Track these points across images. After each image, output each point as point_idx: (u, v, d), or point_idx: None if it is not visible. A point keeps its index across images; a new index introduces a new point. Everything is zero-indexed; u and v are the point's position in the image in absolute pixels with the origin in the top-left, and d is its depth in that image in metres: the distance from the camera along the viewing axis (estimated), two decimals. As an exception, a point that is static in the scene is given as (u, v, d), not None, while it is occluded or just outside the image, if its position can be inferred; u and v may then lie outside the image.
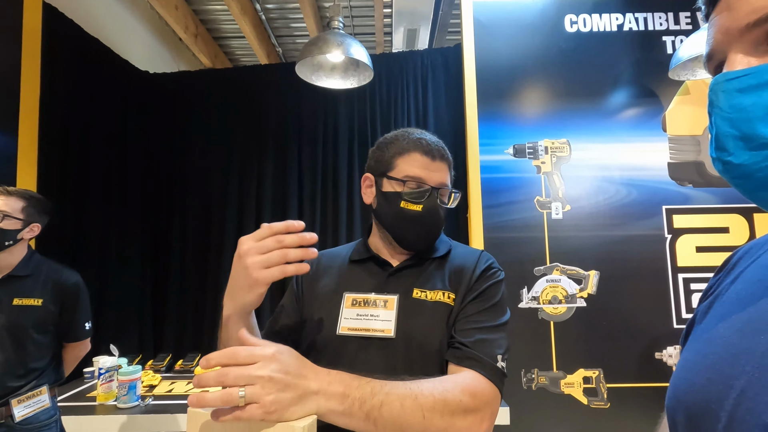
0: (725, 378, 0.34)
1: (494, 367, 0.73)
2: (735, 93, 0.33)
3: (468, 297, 0.81)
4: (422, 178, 0.85)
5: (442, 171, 0.87)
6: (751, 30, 0.33)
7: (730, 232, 2.07)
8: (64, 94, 2.28)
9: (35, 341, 1.55)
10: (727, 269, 0.44)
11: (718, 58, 0.37)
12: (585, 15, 2.23)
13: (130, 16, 3.08)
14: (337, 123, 2.88)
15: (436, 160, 0.86)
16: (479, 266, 0.85)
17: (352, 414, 0.57)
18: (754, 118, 0.32)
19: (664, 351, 2.03)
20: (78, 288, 1.67)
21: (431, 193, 0.85)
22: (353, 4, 3.33)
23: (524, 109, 2.21)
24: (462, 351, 0.75)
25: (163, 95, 2.94)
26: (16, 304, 1.53)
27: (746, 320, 0.35)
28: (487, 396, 0.69)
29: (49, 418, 1.58)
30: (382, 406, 0.58)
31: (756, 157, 0.32)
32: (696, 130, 2.16)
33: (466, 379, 0.70)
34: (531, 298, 2.09)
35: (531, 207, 2.14)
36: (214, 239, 2.84)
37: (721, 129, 0.35)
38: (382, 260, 0.89)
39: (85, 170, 2.43)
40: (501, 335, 0.78)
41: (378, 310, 0.82)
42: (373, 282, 0.86)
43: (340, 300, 0.84)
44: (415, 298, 0.82)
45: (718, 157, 0.35)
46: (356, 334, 0.80)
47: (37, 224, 1.58)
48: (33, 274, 1.58)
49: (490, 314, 0.80)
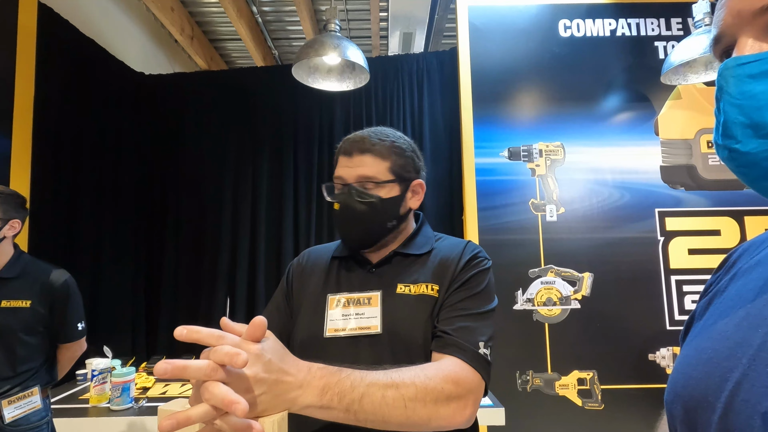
0: (722, 370, 0.34)
1: (476, 353, 0.72)
2: (746, 79, 0.32)
3: (452, 287, 0.81)
4: (339, 176, 0.87)
5: (363, 165, 0.85)
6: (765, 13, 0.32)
7: (722, 235, 2.09)
8: (59, 95, 2.27)
9: (25, 343, 1.52)
10: (726, 267, 0.45)
11: (726, 42, 0.36)
12: (578, 20, 2.26)
13: (125, 17, 3.07)
14: (333, 125, 2.88)
15: (353, 156, 0.86)
16: (464, 256, 0.85)
17: (331, 407, 0.56)
18: (765, 105, 0.31)
19: (657, 353, 2.05)
20: (67, 288, 1.63)
21: (344, 189, 0.86)
22: (349, 8, 3.34)
23: (519, 112, 2.23)
24: (443, 339, 0.75)
25: (159, 97, 2.93)
26: (4, 306, 1.49)
27: (744, 315, 0.36)
28: (469, 383, 0.69)
29: (41, 419, 1.55)
30: (362, 399, 0.58)
31: (764, 145, 0.32)
32: (688, 133, 2.19)
33: (447, 366, 0.69)
34: (525, 300, 2.10)
35: (526, 209, 2.16)
36: (209, 241, 2.83)
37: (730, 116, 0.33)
38: (362, 258, 0.89)
39: (79, 172, 2.42)
40: (485, 323, 0.77)
41: (362, 308, 0.82)
42: (356, 280, 0.86)
43: (324, 302, 0.84)
44: (399, 293, 0.82)
45: (724, 144, 0.34)
46: (343, 335, 0.80)
47: (16, 220, 1.53)
48: (21, 275, 1.55)
49: (473, 302, 0.79)
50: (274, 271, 2.79)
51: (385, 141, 0.87)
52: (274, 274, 2.78)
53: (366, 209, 0.84)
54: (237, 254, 2.79)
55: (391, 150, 0.87)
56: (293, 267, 0.95)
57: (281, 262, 2.78)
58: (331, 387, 0.56)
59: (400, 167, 0.87)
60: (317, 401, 0.55)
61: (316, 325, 0.82)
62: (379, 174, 0.85)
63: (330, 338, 0.80)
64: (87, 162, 2.46)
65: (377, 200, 0.84)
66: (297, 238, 2.82)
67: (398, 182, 0.87)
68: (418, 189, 0.91)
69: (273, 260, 2.80)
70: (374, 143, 0.86)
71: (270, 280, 2.78)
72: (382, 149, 0.86)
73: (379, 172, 0.85)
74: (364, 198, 0.84)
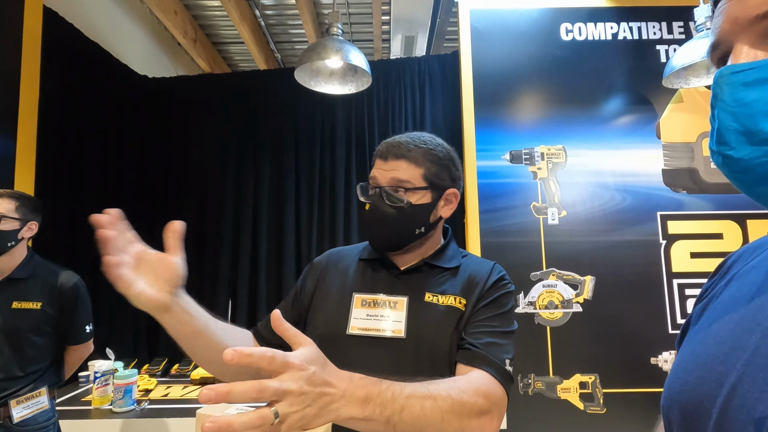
0: (717, 375, 0.34)
1: (503, 369, 0.75)
2: (740, 86, 0.33)
3: (480, 303, 0.83)
4: (373, 177, 0.88)
5: (397, 169, 0.85)
6: (760, 21, 0.32)
7: (724, 238, 2.09)
8: (63, 97, 2.28)
9: (34, 344, 1.54)
10: (722, 272, 0.45)
11: (723, 48, 0.36)
12: (580, 24, 2.27)
13: (129, 20, 3.09)
14: (335, 128, 2.89)
15: (388, 159, 0.87)
16: (492, 276, 0.87)
17: (372, 419, 0.55)
18: (758, 113, 0.32)
19: (659, 356, 2.04)
20: (77, 290, 1.65)
21: (376, 191, 0.87)
22: (352, 11, 3.35)
23: (520, 115, 2.23)
24: (472, 352, 0.76)
25: (161, 99, 2.95)
26: (15, 308, 1.52)
27: (738, 320, 0.36)
28: (497, 397, 0.71)
29: (48, 420, 1.57)
30: (402, 411, 0.58)
31: (757, 152, 0.32)
32: (690, 137, 2.18)
33: (478, 379, 0.71)
34: (527, 303, 2.10)
35: (527, 212, 2.16)
36: (210, 243, 2.83)
37: (724, 123, 0.34)
38: (390, 262, 0.90)
39: (82, 173, 2.43)
40: (509, 341, 0.80)
41: (387, 311, 0.83)
42: (382, 283, 0.87)
43: (349, 299, 0.85)
44: (428, 302, 0.84)
45: (718, 151, 0.35)
46: (366, 334, 0.81)
47: (34, 222, 1.58)
48: (32, 276, 1.58)
49: (500, 320, 0.82)
50: (275, 273, 2.79)
51: (422, 147, 0.87)
52: (276, 275, 2.79)
53: (394, 213, 0.85)
54: (238, 256, 2.80)
55: (426, 157, 0.87)
56: (313, 266, 0.95)
57: (283, 264, 2.78)
58: (372, 398, 0.55)
59: (434, 175, 0.87)
60: (360, 413, 0.54)
61: (340, 321, 0.83)
62: (412, 179, 0.86)
63: (352, 336, 0.81)
64: (90, 163, 2.47)
65: (407, 205, 0.85)
66: (298, 240, 2.83)
67: (431, 189, 0.87)
68: (452, 198, 0.91)
69: (274, 262, 2.81)
70: (410, 149, 0.86)
71: (271, 281, 2.78)
72: (417, 155, 0.86)
73: (412, 178, 0.86)
74: (394, 202, 0.85)
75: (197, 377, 2.19)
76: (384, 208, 0.85)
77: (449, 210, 0.91)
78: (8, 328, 1.50)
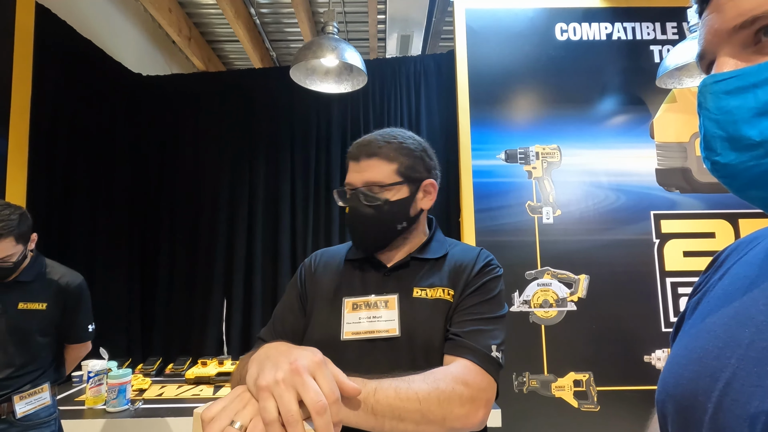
0: (711, 370, 0.35)
1: (487, 355, 0.73)
2: (722, 95, 0.34)
3: (466, 291, 0.82)
4: (349, 182, 0.88)
5: (370, 168, 0.86)
6: (738, 32, 0.33)
7: (716, 237, 2.11)
8: (56, 95, 2.26)
9: (38, 343, 1.58)
10: (716, 266, 0.45)
11: (708, 58, 0.37)
12: (575, 24, 2.28)
13: (123, 18, 3.07)
14: (330, 127, 2.88)
15: (360, 160, 0.87)
16: (478, 263, 0.86)
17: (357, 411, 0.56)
18: (740, 120, 0.33)
19: (652, 354, 2.06)
20: (81, 290, 1.69)
21: (353, 194, 0.87)
22: (347, 10, 3.35)
23: (515, 115, 2.24)
24: (455, 341, 0.76)
25: (156, 98, 2.93)
26: (21, 308, 1.54)
27: (732, 314, 0.36)
28: (479, 384, 0.70)
29: (49, 415, 1.60)
30: (376, 392, 0.58)
31: (741, 157, 0.33)
32: (683, 137, 2.20)
33: (457, 368, 0.71)
34: (522, 301, 2.11)
35: (522, 211, 2.17)
36: (204, 242, 2.82)
37: (709, 130, 0.35)
38: (376, 261, 0.90)
39: (76, 173, 2.41)
40: (497, 327, 0.79)
41: (380, 311, 0.82)
42: (370, 283, 0.87)
43: (340, 304, 0.84)
44: (416, 297, 0.83)
45: (706, 157, 0.36)
46: (361, 338, 0.81)
47: (33, 233, 1.59)
48: (38, 278, 1.60)
49: (486, 306, 0.80)
50: (270, 273, 2.78)
51: (392, 142, 0.87)
52: (271, 275, 2.78)
53: (374, 213, 0.85)
54: (233, 256, 2.79)
55: (399, 151, 0.87)
56: (305, 268, 0.95)
57: (278, 264, 2.77)
58: None
59: (409, 168, 0.88)
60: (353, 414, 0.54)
61: (333, 327, 0.83)
62: (386, 177, 0.86)
63: (348, 341, 0.81)
64: (83, 163, 2.45)
65: (384, 203, 0.85)
66: (294, 240, 2.82)
67: (407, 183, 0.87)
68: (430, 189, 0.91)
69: (269, 262, 2.80)
70: (381, 146, 0.86)
71: (266, 281, 2.77)
72: (388, 151, 0.86)
73: (386, 175, 0.86)
74: (371, 201, 0.85)
75: (192, 377, 2.18)
76: (362, 209, 0.85)
77: (429, 201, 0.92)
78: (14, 328, 1.52)
